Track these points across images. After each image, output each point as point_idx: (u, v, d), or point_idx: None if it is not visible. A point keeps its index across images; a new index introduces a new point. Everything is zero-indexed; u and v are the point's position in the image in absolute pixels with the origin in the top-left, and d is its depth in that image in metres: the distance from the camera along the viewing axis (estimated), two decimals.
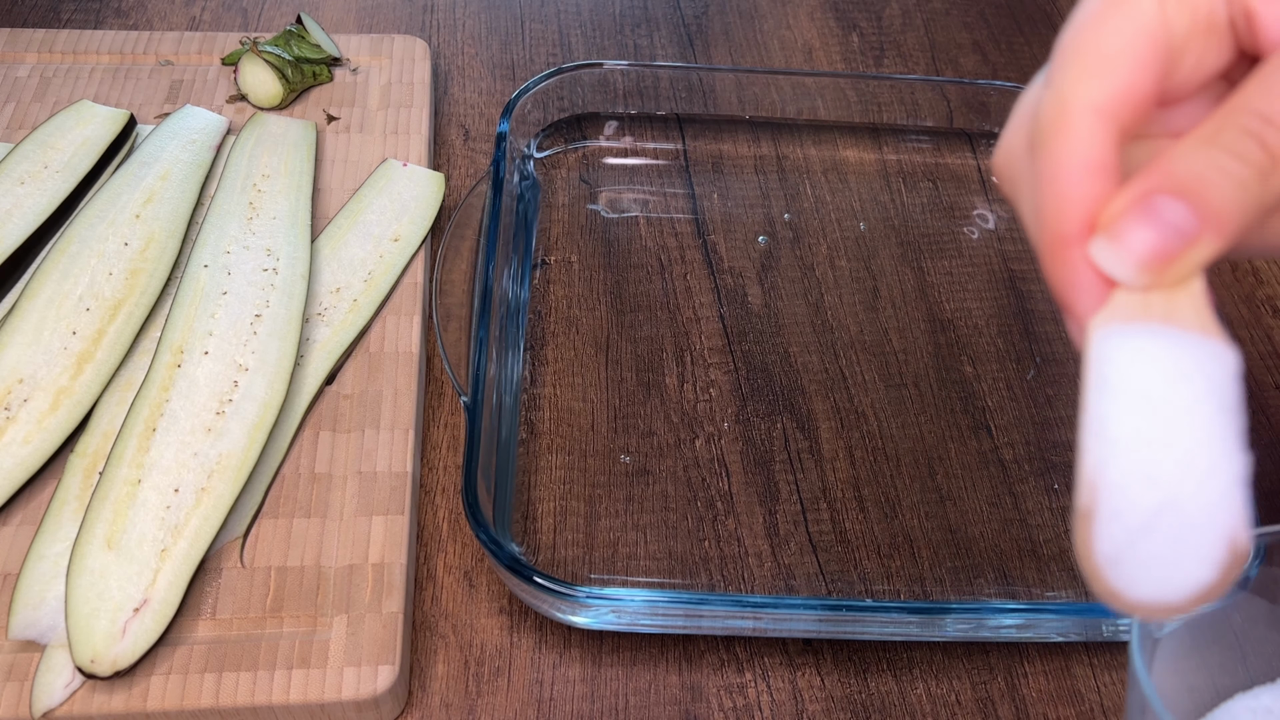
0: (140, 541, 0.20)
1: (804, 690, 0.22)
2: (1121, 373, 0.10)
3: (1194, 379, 0.10)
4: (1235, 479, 0.10)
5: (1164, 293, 0.11)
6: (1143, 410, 0.10)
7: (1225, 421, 0.10)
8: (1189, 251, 0.10)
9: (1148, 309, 0.10)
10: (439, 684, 0.21)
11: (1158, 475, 0.10)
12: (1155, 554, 0.10)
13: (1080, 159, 0.11)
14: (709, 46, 0.36)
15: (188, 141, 0.28)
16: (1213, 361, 0.10)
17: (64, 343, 0.23)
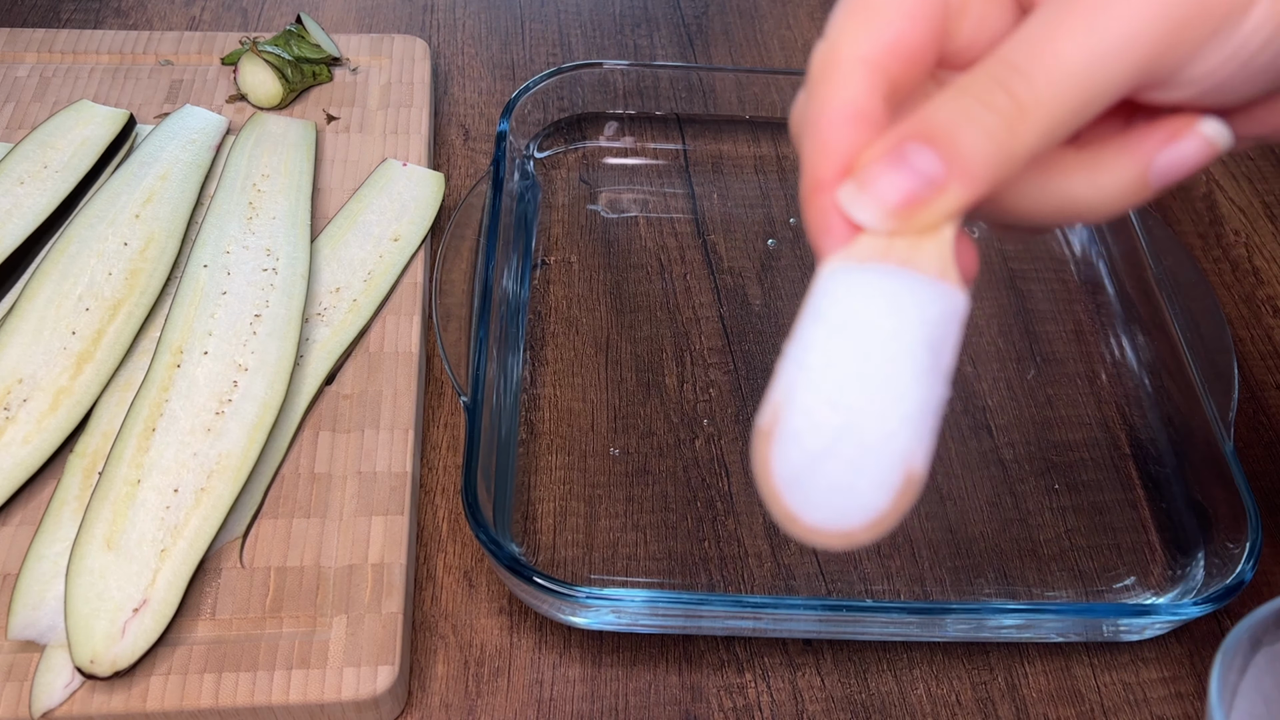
0: (140, 542, 0.20)
1: (804, 690, 0.22)
2: (832, 304, 0.10)
3: (906, 315, 0.10)
4: (922, 409, 0.10)
5: (909, 239, 0.11)
6: (841, 338, 0.10)
7: (926, 357, 0.10)
8: (936, 199, 0.10)
9: (888, 253, 0.11)
10: (439, 684, 0.21)
11: (842, 400, 0.10)
12: (833, 478, 0.10)
13: (842, 106, 0.11)
14: (709, 46, 0.36)
15: (187, 141, 0.28)
16: (935, 303, 0.10)
17: (63, 343, 0.23)
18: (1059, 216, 0.12)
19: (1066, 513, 0.25)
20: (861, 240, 0.11)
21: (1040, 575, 0.23)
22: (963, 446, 0.26)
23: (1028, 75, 0.10)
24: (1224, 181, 0.34)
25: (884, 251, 0.11)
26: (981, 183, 0.11)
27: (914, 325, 0.10)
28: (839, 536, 0.10)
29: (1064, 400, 0.27)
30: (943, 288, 0.10)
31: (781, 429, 0.10)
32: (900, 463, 0.10)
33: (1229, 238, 0.32)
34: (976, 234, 0.30)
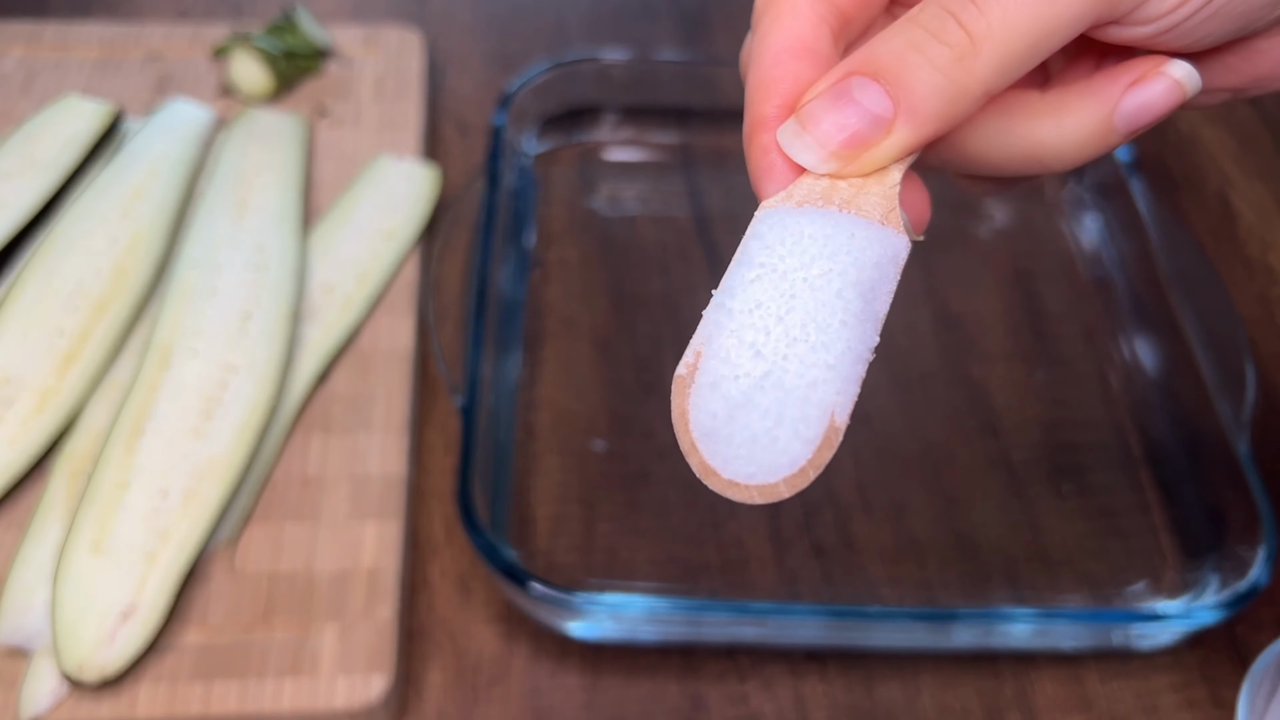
0: (128, 546, 0.20)
1: (808, 699, 0.21)
2: (761, 246, 0.10)
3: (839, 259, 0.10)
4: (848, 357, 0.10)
5: (853, 183, 0.10)
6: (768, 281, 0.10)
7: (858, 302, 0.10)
8: (882, 140, 0.10)
9: (829, 196, 0.10)
10: (433, 693, 0.21)
11: (765, 346, 0.09)
12: (752, 429, 0.09)
13: (785, 40, 0.10)
14: (710, 38, 0.35)
15: (176, 136, 0.27)
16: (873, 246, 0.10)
17: (50, 342, 0.23)
18: (1024, 163, 0.11)
19: (1076, 517, 0.24)
20: (802, 182, 0.10)
21: (1050, 580, 0.23)
22: (970, 449, 0.25)
23: (980, 5, 0.10)
24: (1236, 178, 0.33)
25: (825, 194, 0.10)
26: (931, 122, 0.10)
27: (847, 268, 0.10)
28: (758, 490, 0.10)
29: (1073, 402, 0.26)
30: (884, 232, 0.10)
31: (701, 376, 0.10)
32: (824, 413, 0.10)
33: (1241, 235, 0.32)
34: (985, 232, 0.30)
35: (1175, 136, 0.34)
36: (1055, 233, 0.30)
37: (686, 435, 0.10)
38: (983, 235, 0.30)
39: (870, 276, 0.10)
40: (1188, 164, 0.34)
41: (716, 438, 0.10)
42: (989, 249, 0.30)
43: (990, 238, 0.30)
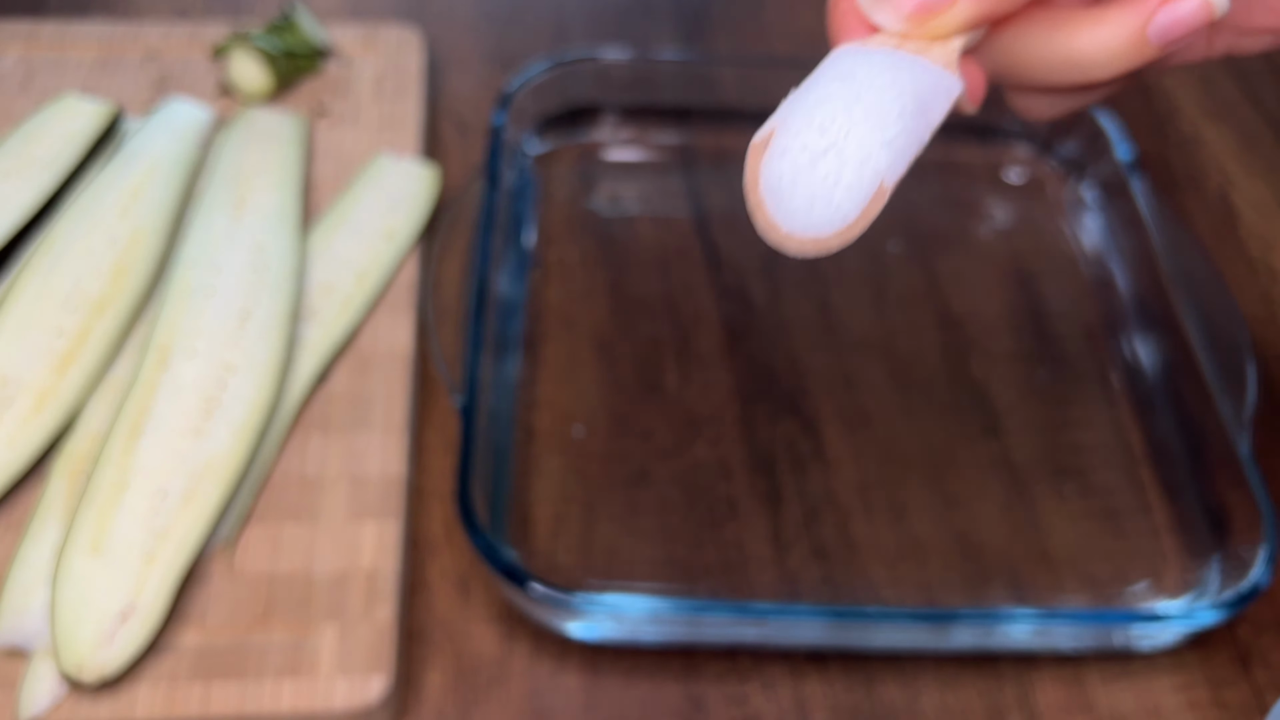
0: (127, 547, 0.20)
1: (809, 700, 0.21)
2: (834, 64, 0.12)
3: (900, 74, 0.12)
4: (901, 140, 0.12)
5: (919, 43, 0.12)
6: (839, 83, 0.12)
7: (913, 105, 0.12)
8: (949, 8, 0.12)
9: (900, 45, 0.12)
10: (432, 693, 0.21)
11: (830, 126, 0.12)
12: (812, 189, 0.12)
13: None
14: (711, 37, 0.35)
15: (175, 135, 0.27)
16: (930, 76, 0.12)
17: (49, 342, 0.23)
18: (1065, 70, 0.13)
19: (1078, 517, 0.24)
20: (876, 37, 0.12)
21: (1051, 581, 0.23)
22: (972, 449, 0.25)
23: None
24: (1238, 178, 0.33)
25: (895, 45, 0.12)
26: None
27: (906, 82, 0.12)
28: (812, 242, 0.12)
29: (1075, 401, 0.26)
30: (942, 72, 0.12)
31: (772, 146, 0.12)
32: (874, 178, 0.12)
33: (1243, 235, 0.31)
34: (987, 232, 0.30)
35: (1177, 136, 0.34)
36: (1056, 232, 0.30)
37: (755, 195, 0.12)
38: (984, 235, 0.30)
39: (926, 93, 0.12)
40: (1189, 163, 0.33)
41: (780, 196, 0.12)
42: (990, 249, 0.30)
43: (991, 238, 0.30)
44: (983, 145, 0.32)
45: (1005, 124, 0.32)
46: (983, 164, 0.32)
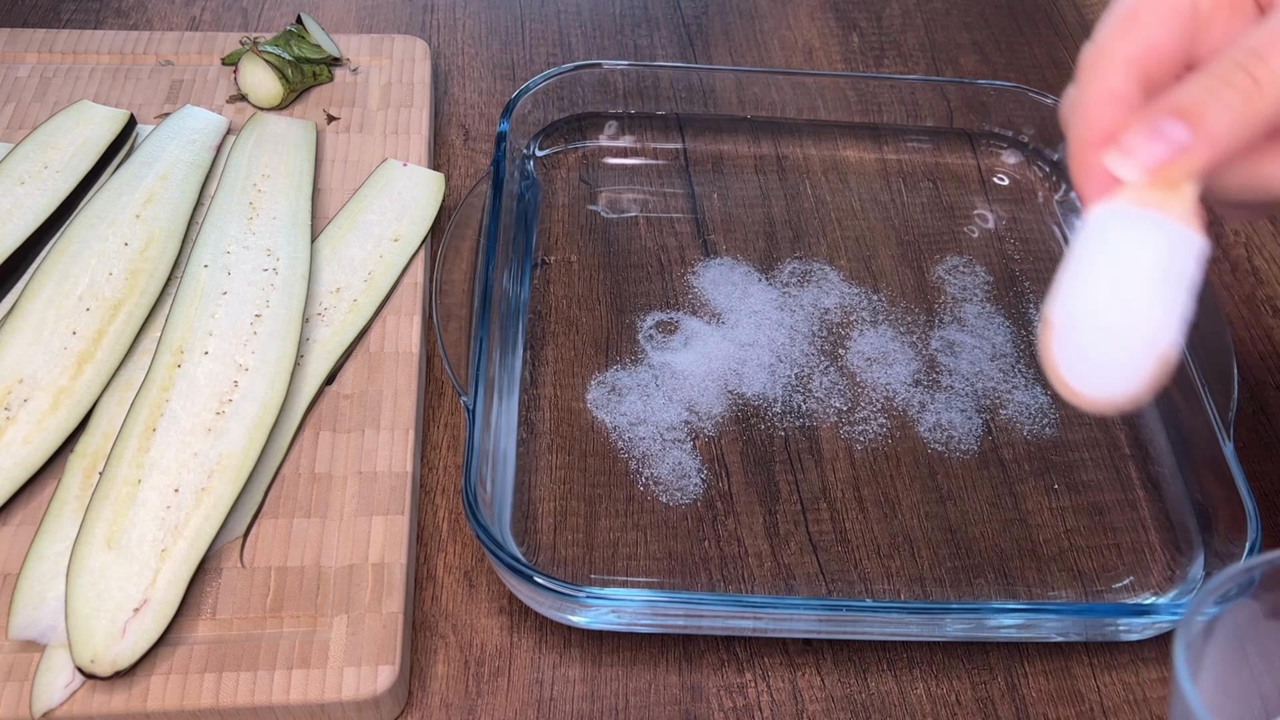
0: (140, 541, 0.20)
1: (804, 690, 0.22)
2: (1104, 233, 0.14)
3: (1158, 249, 0.14)
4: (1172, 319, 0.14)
5: (1159, 191, 0.14)
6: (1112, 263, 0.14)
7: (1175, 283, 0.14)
8: (1183, 159, 0.14)
9: (1144, 200, 0.14)
10: (439, 684, 0.21)
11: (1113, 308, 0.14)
12: (1102, 360, 0.14)
13: (1107, 91, 0.15)
14: (709, 46, 0.36)
15: (188, 141, 0.28)
16: (1181, 242, 0.14)
17: (64, 343, 0.23)
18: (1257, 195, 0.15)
19: (1066, 513, 0.25)
20: (1122, 191, 0.15)
21: (1040, 575, 0.23)
22: (962, 446, 0.26)
23: (1264, 58, 0.13)
24: None
25: (1140, 200, 0.14)
26: (1220, 145, 0.14)
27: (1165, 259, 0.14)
28: (1105, 403, 0.14)
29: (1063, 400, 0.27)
30: (1188, 233, 0.14)
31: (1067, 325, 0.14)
32: (1155, 355, 0.14)
33: (1229, 238, 0.32)
34: (976, 234, 0.31)
35: None
36: (1046, 235, 0.31)
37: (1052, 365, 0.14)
38: (975, 237, 0.31)
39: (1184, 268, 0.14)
40: None
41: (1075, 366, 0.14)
42: (981, 251, 0.30)
43: (982, 240, 0.31)
44: (974, 150, 0.33)
45: (993, 128, 0.33)
46: (974, 168, 0.32)
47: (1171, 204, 0.14)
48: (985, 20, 0.38)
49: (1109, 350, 0.14)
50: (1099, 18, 0.16)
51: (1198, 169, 0.14)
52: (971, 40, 0.38)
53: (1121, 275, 0.14)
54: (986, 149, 0.33)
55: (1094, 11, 0.39)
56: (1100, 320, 0.14)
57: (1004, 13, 0.39)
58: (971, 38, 0.38)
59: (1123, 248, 0.14)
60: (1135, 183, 0.14)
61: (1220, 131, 0.14)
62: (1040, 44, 0.38)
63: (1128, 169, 0.14)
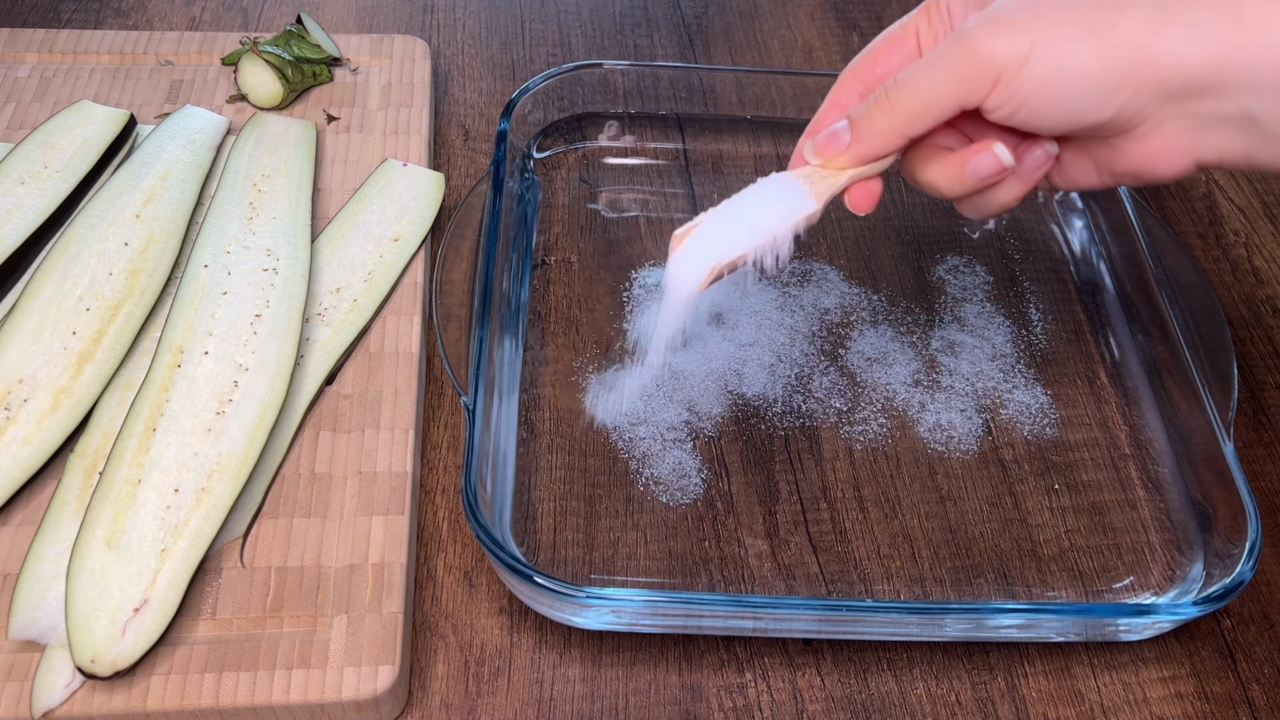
0: (140, 541, 0.20)
1: (804, 690, 0.22)
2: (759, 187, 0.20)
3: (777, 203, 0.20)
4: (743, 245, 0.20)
5: (826, 171, 0.20)
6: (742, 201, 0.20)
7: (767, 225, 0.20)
8: (845, 152, 0.20)
9: (809, 175, 0.20)
10: (439, 684, 0.21)
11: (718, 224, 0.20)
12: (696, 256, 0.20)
13: (833, 100, 0.21)
14: (709, 46, 0.36)
15: (188, 141, 0.28)
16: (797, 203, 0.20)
17: (64, 343, 0.23)
18: (930, 189, 0.20)
19: (1066, 513, 0.25)
20: (805, 167, 0.20)
21: (1040, 575, 0.23)
22: (962, 446, 0.26)
23: (899, 87, 0.19)
24: (1224, 182, 0.34)
25: (806, 174, 0.20)
26: (868, 145, 0.19)
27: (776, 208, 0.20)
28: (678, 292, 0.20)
29: (1064, 400, 0.27)
30: (809, 198, 0.20)
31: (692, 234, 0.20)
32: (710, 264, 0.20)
33: (1229, 238, 0.32)
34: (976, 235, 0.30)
35: None
36: (1046, 235, 0.31)
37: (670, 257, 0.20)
38: (975, 237, 0.31)
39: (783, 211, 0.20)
40: None
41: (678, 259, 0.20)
42: (981, 251, 0.30)
43: (983, 240, 0.31)
44: None
45: None
46: None
47: (824, 180, 0.20)
48: None
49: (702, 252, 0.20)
50: None
51: (854, 160, 0.19)
52: None
53: (740, 210, 0.20)
54: None
55: None
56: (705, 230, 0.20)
57: None
58: None
59: (758, 195, 0.20)
60: (815, 163, 0.20)
61: (868, 136, 0.19)
62: None
63: (810, 153, 0.20)
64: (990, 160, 0.19)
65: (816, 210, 0.19)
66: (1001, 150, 0.19)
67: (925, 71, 0.18)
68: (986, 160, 0.19)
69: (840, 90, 0.20)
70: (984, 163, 0.19)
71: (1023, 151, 0.19)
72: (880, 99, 0.19)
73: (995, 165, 0.19)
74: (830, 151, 0.19)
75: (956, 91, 0.18)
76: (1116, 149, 0.18)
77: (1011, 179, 0.19)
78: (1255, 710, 0.22)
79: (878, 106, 0.19)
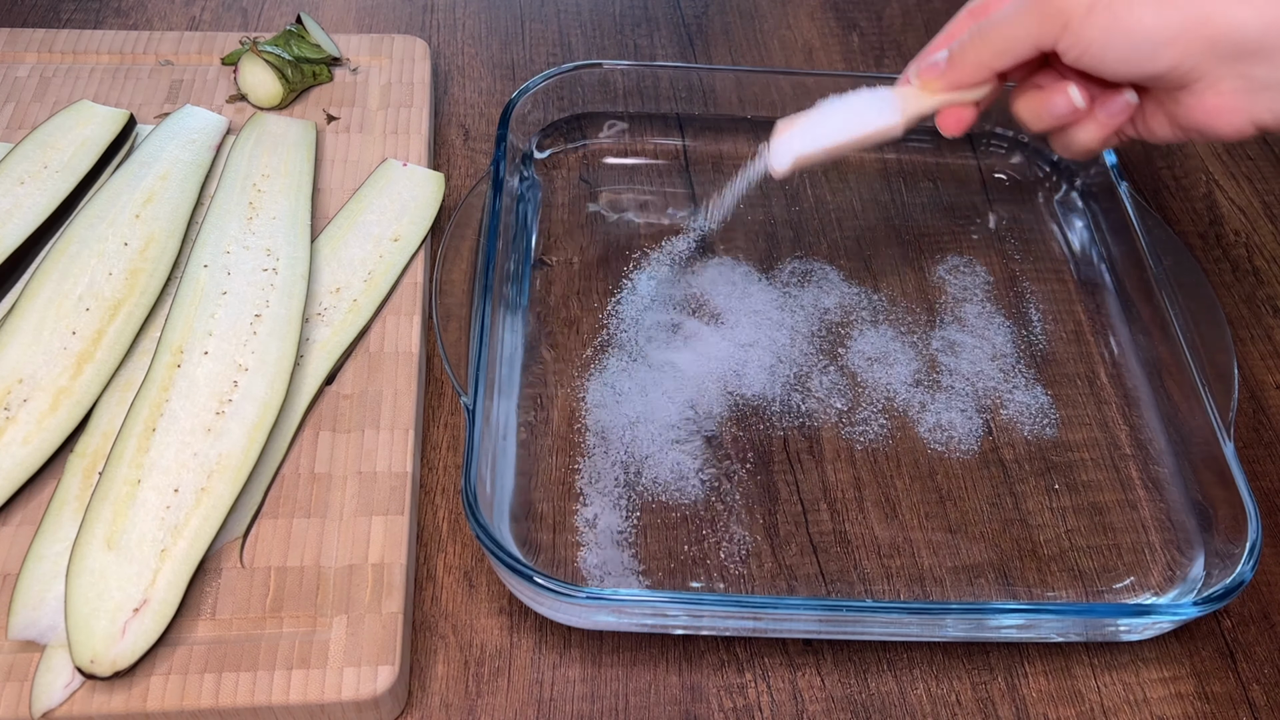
0: (140, 542, 0.20)
1: (804, 690, 0.22)
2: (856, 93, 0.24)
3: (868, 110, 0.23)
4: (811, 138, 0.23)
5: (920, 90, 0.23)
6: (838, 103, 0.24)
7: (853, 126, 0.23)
8: (940, 76, 0.23)
9: (904, 92, 0.23)
10: (439, 684, 0.21)
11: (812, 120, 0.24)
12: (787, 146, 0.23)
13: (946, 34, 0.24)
14: (709, 46, 0.36)
15: (187, 141, 0.28)
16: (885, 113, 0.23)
17: (64, 343, 0.23)
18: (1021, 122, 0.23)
19: (1066, 513, 0.25)
20: (906, 86, 0.23)
21: (1040, 575, 0.23)
22: (962, 446, 0.26)
23: (989, 28, 0.22)
24: (1224, 181, 0.34)
25: (901, 91, 0.23)
26: (959, 74, 0.22)
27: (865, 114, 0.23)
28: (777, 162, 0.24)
29: (1064, 400, 0.27)
30: (893, 109, 0.23)
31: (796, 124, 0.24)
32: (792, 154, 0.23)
33: (1229, 238, 0.32)
34: (976, 235, 0.30)
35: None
36: (1046, 235, 0.31)
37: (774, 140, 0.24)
38: (976, 237, 0.31)
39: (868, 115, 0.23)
40: (1176, 168, 0.34)
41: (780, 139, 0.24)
42: (981, 251, 0.30)
43: (982, 240, 0.31)
44: (974, 150, 0.33)
45: (994, 128, 0.33)
46: (974, 168, 0.32)
47: (917, 100, 0.23)
48: None
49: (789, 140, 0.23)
50: None
51: (947, 85, 0.23)
52: None
53: (836, 112, 0.23)
54: (987, 149, 0.33)
55: None
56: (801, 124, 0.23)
57: None
58: None
59: (854, 102, 0.23)
60: (915, 84, 0.23)
61: (960, 66, 0.22)
62: None
63: (912, 76, 0.23)
64: (1064, 100, 0.21)
65: (899, 125, 0.23)
66: (1074, 92, 0.21)
67: (1009, 16, 0.21)
68: (1061, 100, 0.21)
69: (954, 24, 0.23)
70: (1059, 102, 0.22)
71: (1105, 99, 0.21)
72: (974, 35, 0.22)
73: (1069, 105, 0.21)
74: (928, 76, 0.22)
75: (1032, 34, 0.20)
76: (1180, 103, 0.20)
77: (1090, 122, 0.22)
78: (1255, 710, 0.22)
79: (970, 42, 0.22)
